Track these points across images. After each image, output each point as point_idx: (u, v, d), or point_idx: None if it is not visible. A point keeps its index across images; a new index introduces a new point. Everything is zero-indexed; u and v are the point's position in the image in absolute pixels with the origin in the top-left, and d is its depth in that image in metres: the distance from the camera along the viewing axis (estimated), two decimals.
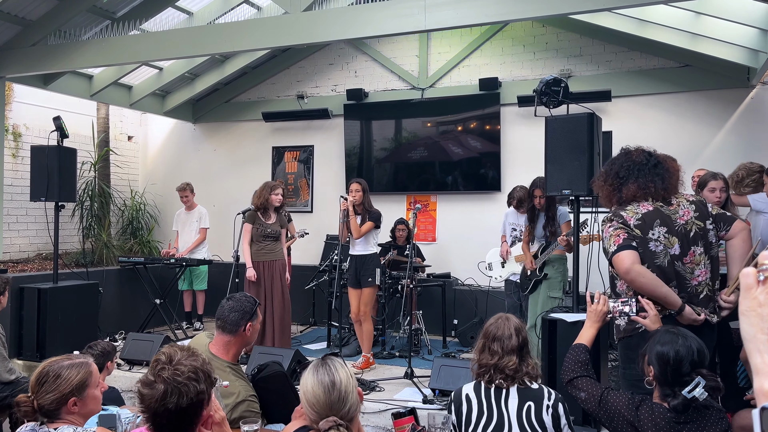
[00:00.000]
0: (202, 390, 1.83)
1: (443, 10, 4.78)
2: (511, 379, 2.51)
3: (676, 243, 2.85)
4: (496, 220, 6.37)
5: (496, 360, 2.52)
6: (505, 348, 2.52)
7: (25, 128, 7.52)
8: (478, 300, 6.83)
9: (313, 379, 2.00)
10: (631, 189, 2.95)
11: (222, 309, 2.85)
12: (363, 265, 5.50)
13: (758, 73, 5.91)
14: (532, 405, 2.47)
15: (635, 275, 2.77)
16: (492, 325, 2.61)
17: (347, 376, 2.02)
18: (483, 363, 2.56)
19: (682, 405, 2.18)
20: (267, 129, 8.53)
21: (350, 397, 1.99)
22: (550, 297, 5.15)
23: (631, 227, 2.87)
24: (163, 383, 1.78)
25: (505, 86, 7.27)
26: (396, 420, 2.44)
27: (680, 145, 6.41)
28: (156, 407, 1.78)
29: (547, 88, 4.24)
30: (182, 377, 1.79)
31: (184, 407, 1.78)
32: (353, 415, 2.01)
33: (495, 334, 2.56)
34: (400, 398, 4.65)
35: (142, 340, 5.65)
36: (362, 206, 5.53)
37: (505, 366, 2.50)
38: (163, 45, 5.83)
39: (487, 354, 2.55)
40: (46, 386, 2.18)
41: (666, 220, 2.87)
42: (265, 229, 5.80)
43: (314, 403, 1.98)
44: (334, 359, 2.08)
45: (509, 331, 2.54)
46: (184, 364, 1.83)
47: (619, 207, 2.99)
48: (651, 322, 2.66)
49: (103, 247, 7.74)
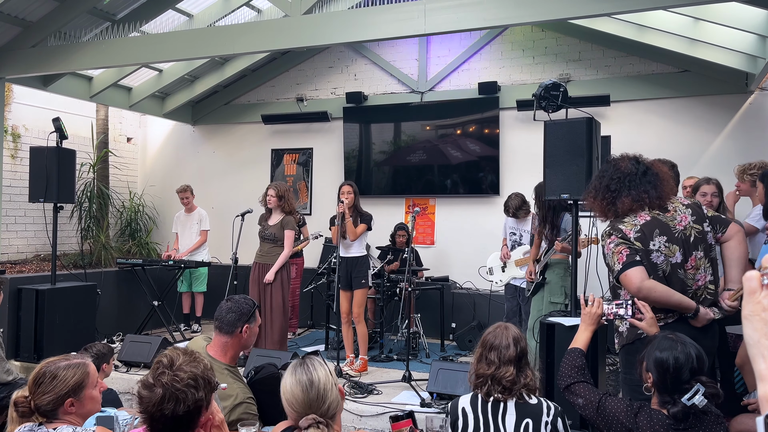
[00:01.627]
0: (200, 398, 1.81)
1: (443, 14, 4.80)
2: (509, 392, 2.44)
3: (678, 251, 2.83)
4: (494, 223, 6.37)
5: (493, 370, 2.46)
6: (503, 358, 2.46)
7: (24, 129, 7.52)
8: (476, 303, 6.83)
9: (291, 379, 2.01)
10: (626, 203, 2.91)
11: (220, 309, 2.86)
12: (354, 267, 5.50)
13: (756, 78, 5.93)
14: (530, 422, 2.41)
15: (647, 291, 2.74)
16: (490, 334, 2.57)
17: (326, 375, 2.02)
18: (480, 373, 2.51)
19: (681, 412, 2.17)
20: (266, 131, 8.54)
21: (329, 395, 2.00)
22: (550, 302, 5.15)
23: (631, 240, 2.83)
24: (162, 388, 1.77)
25: (504, 90, 7.28)
26: (394, 423, 2.44)
27: (678, 150, 6.43)
28: (153, 411, 1.78)
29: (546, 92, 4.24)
30: (181, 384, 1.78)
31: (180, 414, 1.77)
32: (334, 413, 2.02)
33: (492, 343, 2.51)
34: (398, 401, 4.64)
35: (140, 342, 5.64)
36: (353, 209, 5.53)
37: (502, 377, 2.44)
38: (163, 47, 5.83)
39: (484, 364, 2.50)
40: (43, 387, 2.17)
41: (665, 229, 2.85)
42: (264, 230, 5.83)
43: (293, 402, 1.99)
44: (314, 358, 2.08)
45: (507, 340, 2.49)
46: (184, 370, 1.81)
47: (617, 220, 2.95)
48: (647, 325, 2.66)
49: (101, 249, 7.73)
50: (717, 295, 2.90)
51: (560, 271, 5.23)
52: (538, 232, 5.42)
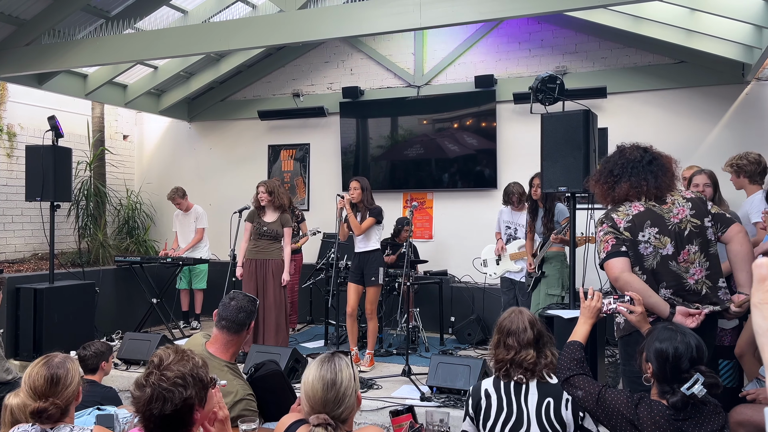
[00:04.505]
0: (189, 396, 1.80)
1: (438, 7, 4.78)
2: (531, 373, 2.50)
3: (669, 243, 2.84)
4: (492, 217, 6.38)
5: (512, 354, 2.51)
6: (521, 342, 2.51)
7: (19, 128, 7.49)
8: (474, 297, 6.84)
9: (315, 373, 2.00)
10: (623, 188, 2.94)
11: (228, 309, 2.84)
12: (367, 262, 5.50)
13: (753, 69, 5.92)
14: (552, 402, 2.46)
15: (623, 283, 2.79)
16: (506, 319, 2.61)
17: (350, 378, 2.01)
18: (499, 358, 2.55)
19: (681, 402, 2.17)
20: (263, 127, 8.52)
21: (347, 400, 1.98)
22: (548, 294, 5.17)
23: (621, 230, 2.86)
24: (150, 388, 1.78)
25: (501, 83, 7.27)
26: (394, 418, 2.44)
27: (675, 142, 6.43)
28: (144, 411, 1.79)
29: (542, 85, 4.24)
30: (167, 383, 1.78)
31: (168, 413, 1.77)
32: (347, 417, 2.00)
33: (509, 328, 2.55)
34: (397, 396, 4.65)
35: (139, 340, 5.64)
36: (362, 204, 5.53)
37: (522, 360, 2.49)
38: (157, 44, 5.80)
39: (503, 349, 2.54)
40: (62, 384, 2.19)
41: (657, 220, 2.86)
42: (261, 227, 5.81)
43: (311, 397, 1.98)
44: (343, 358, 2.06)
45: (523, 324, 2.54)
46: (171, 369, 1.81)
47: (612, 208, 2.98)
48: (635, 319, 2.67)
49: (99, 247, 7.72)
50: (716, 291, 2.90)
51: (557, 263, 5.25)
52: (529, 224, 5.44)
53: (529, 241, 5.49)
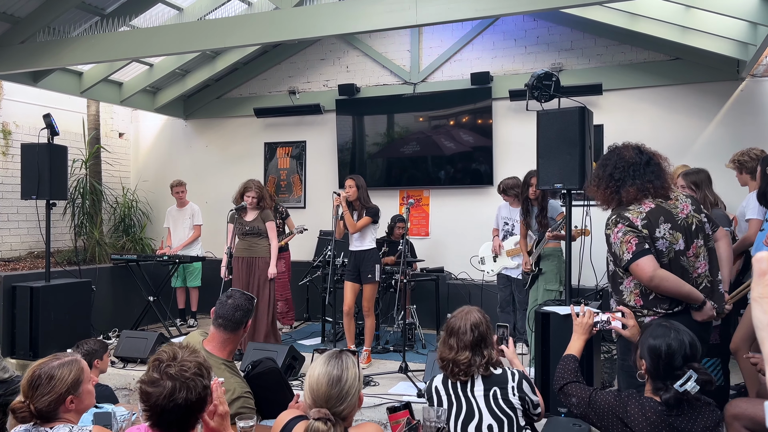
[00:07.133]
0: (207, 385, 1.91)
1: (434, 4, 4.78)
2: (464, 373, 2.58)
3: (681, 238, 2.87)
4: (488, 214, 6.39)
5: (453, 354, 2.60)
6: (460, 344, 2.60)
7: (15, 126, 7.47)
8: (471, 294, 6.85)
9: (322, 369, 2.03)
10: (631, 192, 2.94)
11: (225, 307, 2.84)
12: (362, 261, 5.51)
13: (748, 65, 5.94)
14: (497, 390, 2.55)
15: (659, 281, 2.78)
16: (454, 317, 2.70)
17: (355, 377, 2.04)
18: (443, 357, 2.65)
19: (674, 399, 2.18)
20: (259, 125, 8.51)
21: (350, 398, 2.01)
22: (546, 290, 5.19)
23: (639, 228, 2.85)
24: (171, 380, 1.84)
25: (497, 80, 7.28)
26: (391, 414, 2.45)
27: (671, 138, 6.46)
28: (164, 404, 1.82)
29: (538, 82, 4.25)
30: (189, 372, 1.86)
31: (193, 401, 1.85)
32: (347, 415, 2.02)
33: (453, 328, 2.65)
34: (394, 392, 4.67)
35: (136, 338, 5.64)
36: (359, 202, 5.53)
37: (459, 361, 2.58)
38: (153, 41, 5.79)
39: (446, 348, 2.64)
40: (41, 389, 2.17)
41: (669, 216, 2.88)
42: (243, 227, 5.82)
43: (315, 391, 2.01)
44: (350, 356, 2.09)
45: (465, 326, 2.62)
46: (189, 360, 1.90)
47: (621, 208, 2.97)
48: (630, 333, 2.70)
49: (95, 245, 7.71)
50: (715, 285, 2.94)
51: (554, 259, 5.26)
52: (522, 222, 5.44)
53: (522, 239, 5.50)
